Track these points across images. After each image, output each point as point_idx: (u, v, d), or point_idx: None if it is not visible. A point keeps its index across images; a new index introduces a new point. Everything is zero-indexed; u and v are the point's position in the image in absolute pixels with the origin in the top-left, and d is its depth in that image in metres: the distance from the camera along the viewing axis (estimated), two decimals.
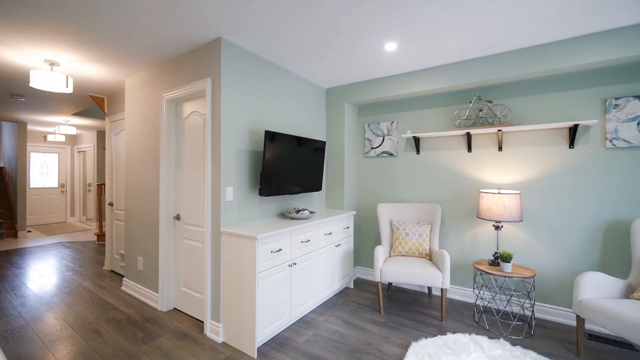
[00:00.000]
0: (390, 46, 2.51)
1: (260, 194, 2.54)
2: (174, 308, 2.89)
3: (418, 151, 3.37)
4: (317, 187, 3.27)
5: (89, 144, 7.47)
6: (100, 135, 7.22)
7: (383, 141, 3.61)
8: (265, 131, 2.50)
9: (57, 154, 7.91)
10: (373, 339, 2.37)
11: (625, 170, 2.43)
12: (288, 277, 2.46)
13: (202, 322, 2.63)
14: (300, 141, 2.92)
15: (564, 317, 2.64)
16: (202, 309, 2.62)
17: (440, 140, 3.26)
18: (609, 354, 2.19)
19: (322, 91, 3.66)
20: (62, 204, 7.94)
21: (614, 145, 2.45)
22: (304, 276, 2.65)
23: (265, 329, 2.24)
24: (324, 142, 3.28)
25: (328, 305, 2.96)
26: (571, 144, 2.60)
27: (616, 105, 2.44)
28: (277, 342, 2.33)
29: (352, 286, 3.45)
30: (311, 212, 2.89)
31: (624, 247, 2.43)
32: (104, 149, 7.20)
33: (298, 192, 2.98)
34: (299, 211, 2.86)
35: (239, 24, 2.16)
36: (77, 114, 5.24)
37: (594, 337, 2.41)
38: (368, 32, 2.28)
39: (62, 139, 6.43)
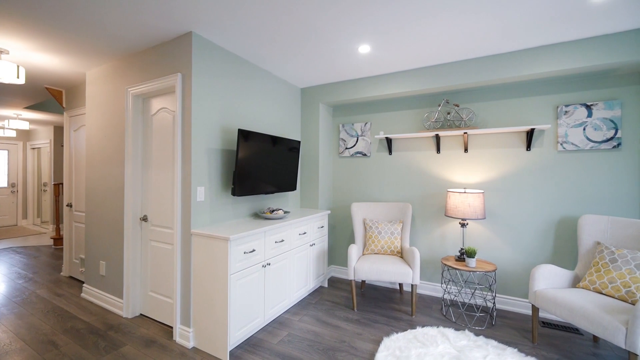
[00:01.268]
0: (364, 48, 2.57)
1: (233, 193, 2.49)
2: (141, 314, 2.75)
3: (390, 152, 3.47)
4: (292, 186, 3.27)
5: (44, 140, 6.90)
6: (58, 130, 6.69)
7: (357, 142, 3.68)
8: (239, 130, 2.45)
9: (6, 151, 7.22)
10: (346, 336, 2.41)
11: (573, 171, 2.67)
12: (262, 277, 2.43)
13: (171, 327, 2.53)
14: (274, 140, 2.90)
15: (522, 307, 2.85)
16: (171, 314, 2.52)
17: (411, 142, 3.38)
18: (559, 339, 2.39)
19: (297, 90, 3.66)
20: (12, 205, 7.26)
21: (564, 148, 2.68)
22: (278, 276, 2.64)
23: (238, 331, 2.21)
24: (299, 142, 3.28)
25: (302, 305, 2.97)
26: (528, 147, 2.81)
27: (566, 111, 2.67)
28: (251, 344, 2.29)
29: (326, 285, 3.48)
30: (285, 212, 2.88)
31: (572, 241, 2.67)
32: (62, 145, 6.68)
33: (272, 192, 2.96)
34: (273, 211, 2.84)
35: (210, 18, 2.11)
36: (30, 108, 4.82)
37: (547, 324, 2.62)
38: (342, 33, 2.31)
39: (13, 134, 5.89)
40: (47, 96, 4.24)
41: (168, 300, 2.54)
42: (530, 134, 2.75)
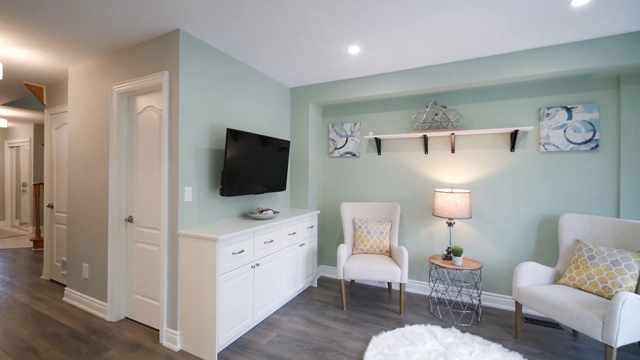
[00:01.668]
0: (354, 49, 2.58)
1: (222, 194, 2.46)
2: (126, 317, 2.69)
3: (379, 152, 3.50)
4: (281, 186, 3.26)
5: (23, 138, 6.64)
6: (38, 128, 6.46)
7: (346, 142, 3.70)
8: (228, 129, 2.43)
9: None
10: (336, 336, 2.42)
11: (554, 172, 2.76)
12: (251, 278, 2.41)
13: (158, 330, 2.48)
14: (264, 140, 2.89)
15: (506, 303, 2.92)
16: (157, 317, 2.47)
17: (399, 142, 3.43)
18: (541, 334, 2.47)
19: (286, 90, 3.65)
20: None
21: (546, 149, 2.77)
22: (268, 277, 2.62)
23: (227, 333, 2.18)
24: (289, 142, 3.27)
25: (292, 305, 2.96)
26: (512, 148, 2.89)
27: (548, 114, 2.76)
28: (239, 346, 2.27)
29: (316, 285, 3.48)
30: (275, 212, 2.87)
31: (553, 239, 2.76)
32: (43, 144, 6.44)
33: (262, 192, 2.94)
34: (262, 211, 2.82)
35: (198, 16, 2.08)
36: (8, 105, 4.63)
37: (530, 320, 2.70)
38: (333, 33, 2.32)
39: None
40: (27, 93, 4.09)
41: (154, 302, 2.49)
42: (514, 136, 2.83)
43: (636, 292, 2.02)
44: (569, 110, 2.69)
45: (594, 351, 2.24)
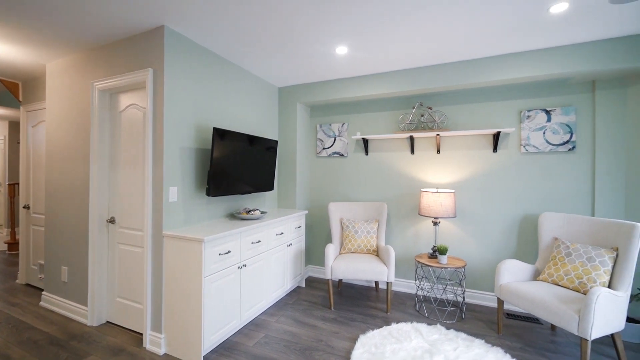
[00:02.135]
0: (342, 50, 2.60)
1: (208, 194, 2.43)
2: (107, 321, 2.61)
3: (367, 152, 3.54)
4: (269, 186, 3.24)
5: None
6: (14, 126, 6.17)
7: (334, 142, 3.71)
8: (214, 128, 2.39)
9: None
10: (323, 336, 2.43)
11: (534, 172, 2.86)
12: (238, 279, 2.39)
13: (141, 334, 2.42)
14: (251, 140, 2.86)
15: (489, 300, 3.01)
16: (140, 320, 2.41)
17: (387, 143, 3.47)
18: (522, 329, 2.55)
19: (274, 90, 3.63)
20: None
21: (526, 150, 2.86)
22: (255, 278, 2.60)
23: (213, 335, 2.15)
24: (276, 142, 3.26)
25: (280, 306, 2.95)
26: (495, 149, 2.97)
27: (528, 116, 2.85)
28: (226, 348, 2.25)
29: (303, 285, 3.48)
30: (262, 212, 2.85)
31: (533, 237, 2.86)
32: (19, 142, 6.17)
33: (249, 192, 2.91)
34: (249, 211, 2.80)
35: (184, 12, 2.04)
36: None
37: (511, 315, 2.78)
38: (321, 33, 2.33)
39: None
40: (1, 88, 3.90)
41: (137, 305, 2.43)
42: (496, 137, 2.91)
43: (609, 286, 2.12)
44: (548, 112, 2.79)
45: (571, 344, 2.33)
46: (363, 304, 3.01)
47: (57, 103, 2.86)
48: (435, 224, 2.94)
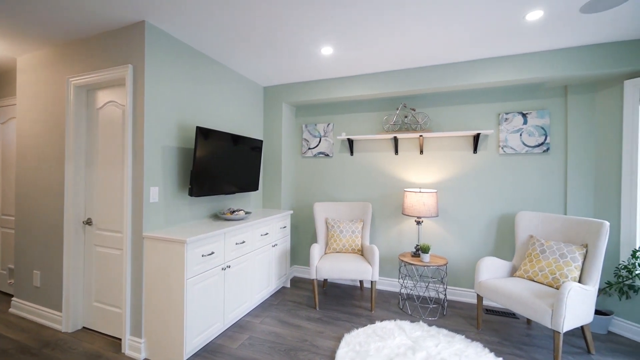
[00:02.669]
0: (327, 50, 2.61)
1: (191, 194, 2.38)
2: (83, 327, 2.51)
3: (352, 152, 3.57)
4: (254, 186, 3.21)
5: None
6: None
7: (320, 142, 3.72)
8: (197, 127, 2.35)
9: None
10: (308, 335, 2.43)
11: (512, 173, 2.97)
12: (221, 281, 2.35)
13: (120, 339, 2.34)
14: (235, 139, 2.83)
15: (469, 297, 3.10)
16: (119, 325, 2.34)
17: (371, 143, 3.51)
18: (500, 324, 2.65)
19: (259, 89, 3.60)
20: None
21: (504, 151, 2.97)
22: (239, 279, 2.57)
23: (195, 338, 2.11)
24: (261, 141, 3.23)
25: (264, 307, 2.93)
26: (475, 150, 3.07)
27: (506, 118, 2.96)
28: (209, 351, 2.21)
29: (288, 285, 3.47)
30: (247, 213, 2.82)
31: (510, 235, 2.97)
32: None
33: (233, 192, 2.88)
34: (233, 212, 2.76)
35: (166, 8, 1.99)
36: None
37: (490, 311, 2.88)
38: (306, 33, 2.33)
39: None
40: None
41: (116, 310, 2.35)
42: (476, 138, 3.01)
43: (580, 281, 2.23)
44: (524, 115, 2.91)
45: (545, 337, 2.44)
46: (348, 303, 3.04)
47: (29, 99, 2.72)
48: (418, 223, 3.00)
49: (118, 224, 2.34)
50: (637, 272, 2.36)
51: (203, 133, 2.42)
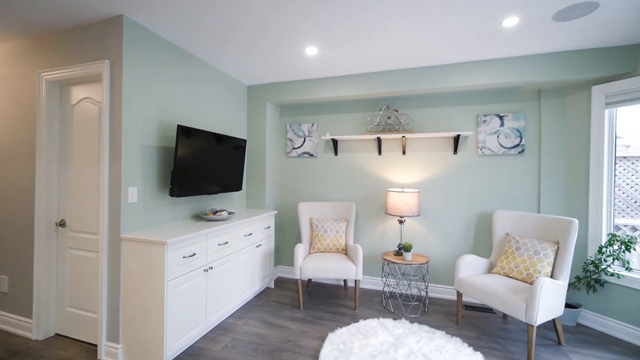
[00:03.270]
0: (311, 50, 2.61)
1: (172, 194, 2.32)
2: (56, 334, 2.40)
3: (336, 153, 3.59)
4: (237, 186, 3.17)
5: None
6: None
7: (304, 142, 3.72)
8: (178, 126, 2.29)
9: None
10: (292, 336, 2.43)
11: (490, 173, 3.08)
12: (203, 282, 2.31)
13: (96, 345, 2.25)
14: (219, 138, 2.78)
15: (449, 293, 3.19)
16: (95, 330, 2.25)
17: (355, 143, 3.54)
18: (478, 319, 2.74)
19: (243, 88, 3.56)
20: None
21: (482, 152, 3.08)
22: (222, 280, 2.53)
23: (176, 342, 2.06)
24: (245, 141, 3.20)
25: (248, 308, 2.90)
26: (455, 151, 3.16)
27: (484, 121, 3.07)
28: (190, 354, 2.16)
29: (272, 286, 3.45)
30: (230, 213, 2.78)
31: (488, 233, 3.08)
32: None
33: (216, 192, 2.83)
34: (216, 212, 2.72)
35: (145, 3, 1.93)
36: None
37: (469, 307, 2.98)
38: (290, 32, 2.32)
39: None
40: None
41: (91, 315, 2.26)
42: (456, 140, 3.10)
43: (552, 276, 2.35)
44: (501, 118, 3.02)
45: (520, 331, 2.55)
46: (332, 303, 3.05)
47: None
48: (400, 222, 3.06)
49: (94, 226, 2.25)
50: (603, 266, 2.51)
51: (184, 132, 2.37)
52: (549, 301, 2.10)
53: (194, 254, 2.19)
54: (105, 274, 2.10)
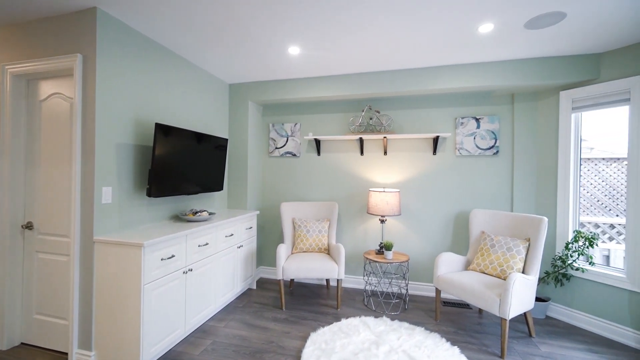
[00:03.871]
0: (294, 50, 2.61)
1: (149, 194, 2.25)
2: (22, 343, 2.26)
3: (319, 153, 3.60)
4: (218, 186, 3.11)
5: None
6: None
7: (287, 142, 3.71)
8: (156, 124, 2.23)
9: None
10: (274, 337, 2.42)
11: (467, 173, 3.20)
12: (182, 285, 2.25)
13: (66, 353, 2.14)
14: (199, 137, 2.72)
15: (428, 291, 3.28)
16: (65, 338, 2.14)
17: (338, 144, 3.57)
18: (455, 314, 2.84)
19: (225, 86, 3.50)
20: None
21: (460, 153, 3.19)
22: (202, 282, 2.48)
23: (153, 347, 2.00)
24: (226, 140, 3.14)
25: (229, 310, 2.85)
26: (434, 151, 3.25)
27: (462, 123, 3.18)
28: (169, 359, 2.10)
29: (255, 287, 3.41)
30: (210, 214, 2.73)
31: (465, 231, 3.20)
32: None
33: (196, 192, 2.77)
34: (196, 213, 2.65)
35: None
36: None
37: (447, 303, 3.07)
38: (273, 31, 2.31)
39: None
40: None
41: (61, 321, 2.15)
42: (436, 141, 3.19)
43: (523, 272, 2.46)
44: (477, 120, 3.14)
45: (494, 325, 2.66)
46: (314, 302, 3.06)
47: None
48: (382, 221, 3.11)
49: (64, 228, 2.14)
50: (569, 261, 2.66)
51: (163, 130, 2.30)
52: (520, 296, 2.21)
53: (173, 256, 2.13)
54: (77, 278, 2.00)
